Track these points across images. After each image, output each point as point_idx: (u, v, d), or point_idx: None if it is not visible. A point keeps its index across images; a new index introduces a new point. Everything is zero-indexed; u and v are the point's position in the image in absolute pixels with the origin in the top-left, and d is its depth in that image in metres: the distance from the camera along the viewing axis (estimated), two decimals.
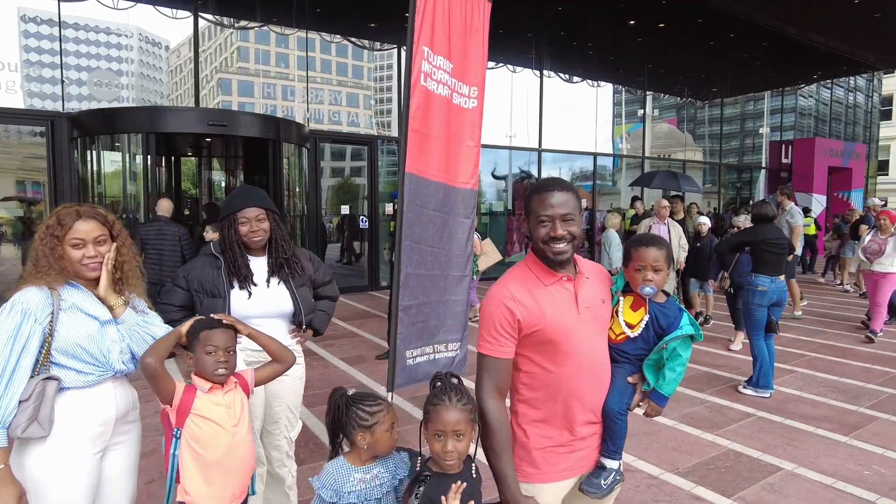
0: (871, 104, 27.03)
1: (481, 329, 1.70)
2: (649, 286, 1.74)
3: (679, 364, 1.73)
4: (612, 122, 19.38)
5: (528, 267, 1.75)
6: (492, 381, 1.67)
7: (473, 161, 3.39)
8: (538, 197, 1.67)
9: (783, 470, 3.49)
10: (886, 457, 3.71)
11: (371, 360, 5.80)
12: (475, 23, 3.45)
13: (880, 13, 14.03)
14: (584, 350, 1.68)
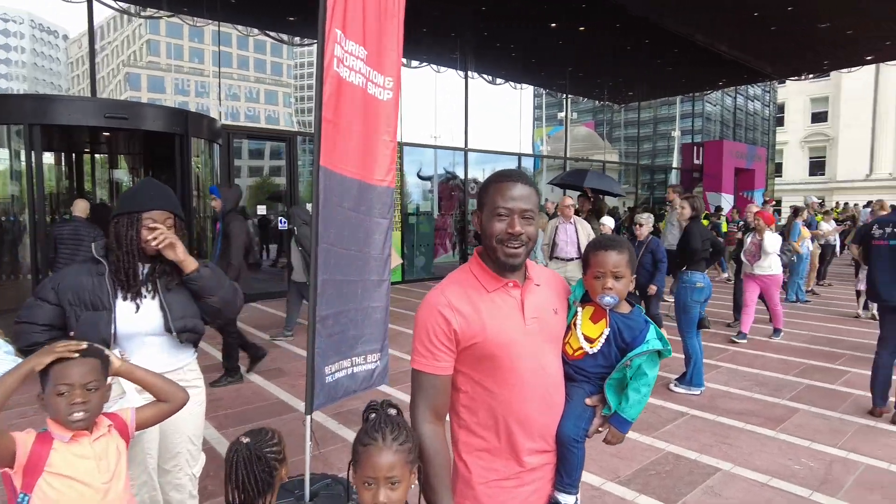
0: (769, 112, 29.14)
1: (415, 341, 1.46)
2: (609, 295, 1.53)
3: (644, 384, 1.51)
4: (533, 123, 19.69)
5: (470, 270, 1.52)
6: (427, 401, 1.43)
7: (390, 157, 3.12)
8: (497, 186, 1.44)
9: (721, 471, 3.45)
10: (813, 449, 3.77)
11: (292, 374, 5.38)
12: (391, 7, 3.18)
13: (775, 27, 14.97)
14: (530, 367, 1.46)
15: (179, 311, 2.08)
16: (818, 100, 37.55)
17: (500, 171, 1.48)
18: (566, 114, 19.63)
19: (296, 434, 3.90)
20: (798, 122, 38.51)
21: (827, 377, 5.28)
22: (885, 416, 4.29)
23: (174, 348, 2.11)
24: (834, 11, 13.65)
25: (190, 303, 2.12)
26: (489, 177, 1.50)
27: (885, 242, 4.24)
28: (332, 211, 2.94)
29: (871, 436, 4.01)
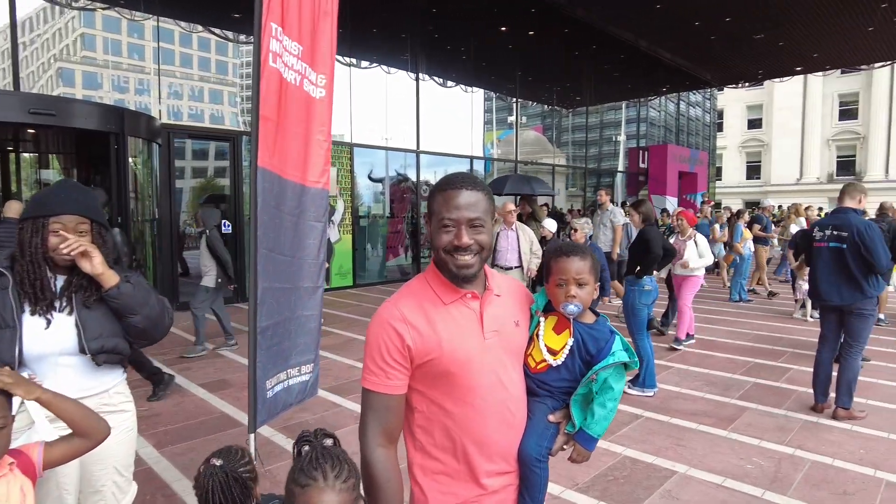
0: (710, 118, 30.32)
1: (365, 358, 1.34)
2: (573, 303, 1.44)
3: (610, 398, 1.42)
4: (483, 127, 19.79)
5: (426, 280, 1.42)
6: (379, 423, 1.32)
7: (324, 157, 3.00)
8: (442, 196, 1.34)
9: (677, 473, 3.46)
10: (763, 448, 3.84)
11: (236, 385, 5.12)
12: (324, 5, 3.07)
13: (715, 36, 15.54)
14: (490, 384, 1.36)
15: (96, 330, 1.84)
16: (753, 107, 39.39)
17: (446, 177, 1.38)
18: (516, 118, 19.80)
19: None
20: (735, 128, 40.28)
21: (772, 375, 5.44)
22: (825, 412, 4.44)
23: (94, 370, 1.88)
24: (768, 24, 14.27)
25: (110, 321, 1.88)
26: (435, 184, 1.40)
27: (824, 244, 4.38)
28: (271, 215, 2.79)
29: (815, 431, 4.13)
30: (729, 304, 9.51)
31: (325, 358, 5.94)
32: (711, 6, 13.13)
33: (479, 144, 18.37)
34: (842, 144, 36.49)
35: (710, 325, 7.68)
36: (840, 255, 4.26)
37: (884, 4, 13.17)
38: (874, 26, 14.71)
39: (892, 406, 4.63)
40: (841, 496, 3.22)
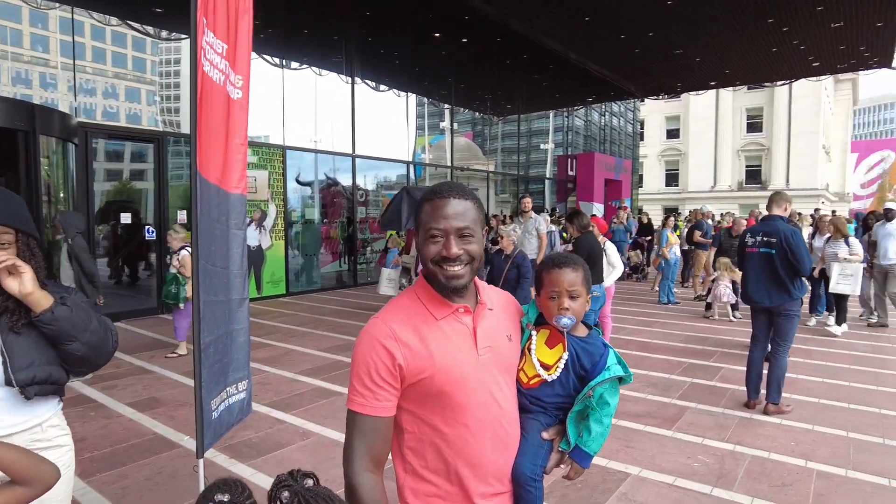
0: (633, 128, 31.74)
1: (352, 378, 1.25)
2: (566, 316, 1.40)
3: (606, 414, 1.39)
4: (416, 132, 19.77)
5: (416, 295, 1.35)
6: (366, 447, 1.24)
7: (242, 162, 2.87)
8: (429, 206, 1.30)
9: (631, 475, 3.52)
10: (706, 445, 3.99)
11: (169, 403, 4.78)
12: (242, 3, 2.93)
13: (639, 50, 16.28)
14: (484, 402, 1.30)
15: (24, 359, 1.59)
16: (672, 118, 41.73)
17: (433, 187, 1.34)
18: (450, 124, 19.90)
19: (180, 475, 3.43)
20: (655, 138, 42.52)
21: (706, 374, 5.69)
22: (757, 408, 4.68)
23: (23, 404, 1.64)
24: (686, 40, 15.12)
25: (42, 348, 1.64)
26: (422, 195, 1.35)
27: (756, 249, 4.64)
28: (208, 225, 2.62)
29: (750, 427, 4.34)
30: (658, 306, 9.92)
31: (265, 372, 5.66)
32: (636, 21, 13.75)
33: (412, 149, 18.32)
34: (749, 155, 39.33)
35: (644, 328, 7.97)
36: (770, 259, 4.51)
37: (785, 28, 14.26)
38: (777, 48, 15.91)
39: (812, 399, 4.95)
40: (780, 488, 3.38)
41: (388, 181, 15.59)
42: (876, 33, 14.81)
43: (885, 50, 16.29)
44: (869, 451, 3.92)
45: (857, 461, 3.75)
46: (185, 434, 4.05)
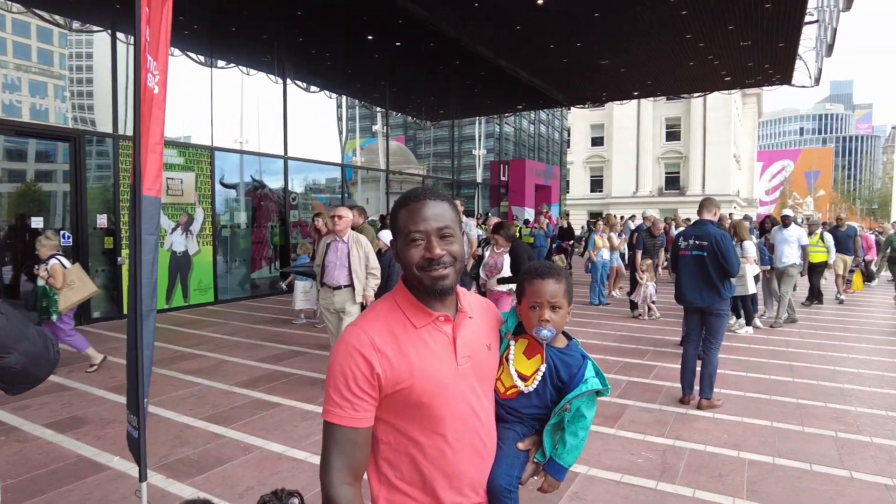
0: (561, 136, 32.74)
1: (329, 389, 1.20)
2: (546, 328, 1.38)
3: (582, 427, 1.38)
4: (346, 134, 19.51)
5: (396, 303, 1.30)
6: (344, 459, 1.19)
7: (158, 163, 2.74)
8: (406, 210, 1.27)
9: (580, 475, 3.58)
10: (648, 441, 4.13)
11: (94, 422, 4.42)
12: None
13: (567, 59, 16.83)
14: (462, 413, 1.28)
15: None
16: (596, 126, 43.42)
17: (407, 192, 1.31)
18: (384, 128, 19.77)
19: (112, 500, 3.17)
20: (581, 145, 44.10)
21: (642, 372, 5.91)
22: (692, 403, 4.90)
23: None
24: (611, 51, 15.77)
25: None
26: (396, 202, 1.32)
27: (688, 252, 4.87)
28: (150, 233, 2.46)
29: (686, 422, 4.54)
30: (590, 307, 10.24)
31: (198, 384, 5.36)
32: (565, 31, 14.20)
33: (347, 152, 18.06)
34: (669, 162, 41.57)
35: (580, 329, 8.20)
36: (701, 262, 4.75)
37: (701, 44, 15.17)
38: (694, 62, 16.91)
39: (739, 393, 5.25)
40: (717, 479, 3.55)
41: (319, 184, 15.27)
42: (778, 53, 16.05)
43: (786, 68, 17.68)
44: (791, 438, 4.19)
45: (782, 449, 4.00)
46: (115, 454, 3.76)
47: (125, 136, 9.22)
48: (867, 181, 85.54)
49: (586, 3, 12.22)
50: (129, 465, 3.62)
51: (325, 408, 1.21)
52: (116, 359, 6.29)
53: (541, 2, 12.15)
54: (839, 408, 4.87)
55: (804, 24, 14.31)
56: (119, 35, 9.64)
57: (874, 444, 4.11)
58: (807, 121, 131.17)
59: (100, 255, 8.90)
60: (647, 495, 3.33)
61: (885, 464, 3.77)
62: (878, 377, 5.81)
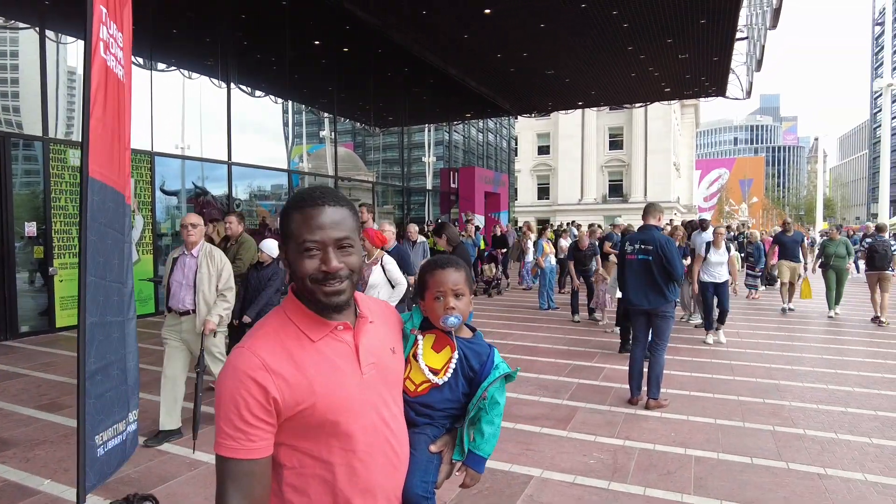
0: (509, 144, 33.22)
1: (219, 420, 1.08)
2: (453, 315, 1.38)
3: (497, 414, 1.37)
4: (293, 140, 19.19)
5: (287, 316, 1.19)
6: (242, 495, 1.07)
7: (127, 160, 2.65)
8: (300, 215, 1.14)
9: (534, 478, 3.61)
10: (599, 442, 4.20)
11: (22, 444, 4.13)
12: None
13: (514, 68, 17.14)
14: (372, 424, 1.20)
15: None
16: (542, 135, 44.32)
17: (302, 191, 1.18)
18: (332, 133, 19.54)
19: None
20: (528, 154, 44.90)
21: (590, 375, 6.03)
22: (640, 404, 5.03)
23: None
24: (556, 61, 16.16)
25: None
26: (289, 201, 1.19)
27: (634, 256, 5.01)
28: (101, 234, 2.33)
29: (635, 422, 4.65)
30: (540, 312, 10.40)
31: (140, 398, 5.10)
32: (511, 41, 14.46)
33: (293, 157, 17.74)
34: (612, 170, 42.86)
35: (530, 332, 8.30)
36: (647, 265, 4.89)
37: (642, 56, 15.75)
38: (635, 73, 17.52)
39: (684, 392, 5.42)
40: (666, 476, 3.65)
41: (264, 191, 14.94)
42: (713, 66, 16.85)
43: (721, 81, 18.57)
44: (733, 434, 4.36)
45: (725, 444, 4.15)
46: (46, 478, 3.52)
47: (55, 139, 8.76)
48: (794, 189, 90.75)
49: (532, 14, 12.49)
50: (62, 489, 3.40)
51: (216, 440, 1.09)
52: (49, 375, 5.92)
53: (488, 11, 12.33)
54: (776, 403, 5.10)
55: (736, 40, 15.08)
56: (48, 33, 9.15)
57: (807, 436, 4.33)
58: (740, 131, 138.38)
59: (28, 266, 8.39)
60: (600, 495, 3.38)
61: (817, 454, 3.98)
62: (809, 372, 6.13)
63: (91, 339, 2.24)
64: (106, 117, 2.34)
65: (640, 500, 3.32)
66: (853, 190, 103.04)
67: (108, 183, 2.39)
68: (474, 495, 3.37)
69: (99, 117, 2.25)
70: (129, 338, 2.68)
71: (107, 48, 2.30)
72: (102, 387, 2.32)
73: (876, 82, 74.04)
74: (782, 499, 3.33)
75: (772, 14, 13.25)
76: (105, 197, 2.36)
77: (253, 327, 1.19)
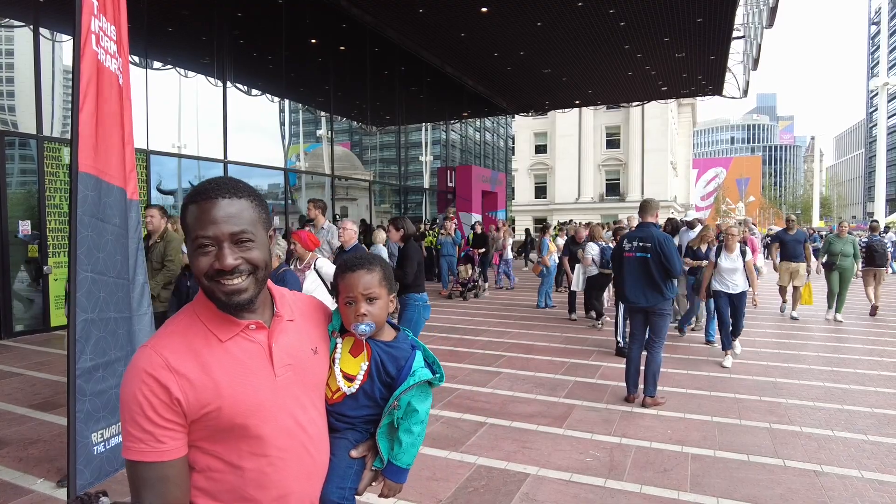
0: (506, 143, 33.24)
1: (125, 422, 1.04)
2: (364, 322, 1.29)
3: (416, 422, 1.30)
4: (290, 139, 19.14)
5: (195, 315, 1.15)
6: (158, 500, 1.03)
7: (130, 155, 2.62)
8: (196, 209, 1.09)
9: (530, 476, 3.59)
10: (595, 440, 4.19)
11: (18, 443, 4.10)
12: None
13: (511, 67, 17.14)
14: (286, 429, 1.15)
15: None
16: (540, 134, 44.30)
17: (198, 185, 1.12)
18: (329, 133, 19.51)
19: None
20: (525, 153, 44.90)
21: (587, 373, 6.02)
22: (636, 401, 5.02)
23: None
24: (554, 60, 16.17)
25: None
26: (186, 195, 1.13)
27: (632, 254, 4.99)
28: (97, 229, 2.30)
29: (632, 420, 4.64)
30: (537, 310, 10.39)
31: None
32: (508, 40, 14.46)
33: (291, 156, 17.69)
34: (609, 169, 42.89)
35: (527, 331, 8.28)
36: (645, 263, 4.88)
37: (639, 55, 15.76)
38: (632, 72, 17.53)
39: (681, 390, 5.41)
40: (663, 474, 3.64)
41: (261, 190, 14.91)
42: (710, 65, 16.87)
43: (717, 79, 18.60)
44: (730, 432, 4.35)
45: (721, 442, 4.15)
46: (39, 476, 3.49)
47: (50, 137, 8.72)
48: (791, 188, 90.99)
49: (529, 13, 12.48)
50: (50, 485, 3.38)
51: (124, 444, 1.04)
52: (43, 374, 5.89)
53: (485, 10, 12.32)
54: (772, 400, 5.10)
55: (732, 38, 15.10)
56: (42, 30, 9.11)
57: (804, 433, 4.32)
58: (737, 130, 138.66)
59: (20, 264, 8.34)
60: (597, 493, 3.37)
61: (814, 451, 3.97)
62: (805, 370, 6.13)
63: (86, 336, 2.22)
64: (101, 111, 2.32)
65: (637, 498, 3.31)
66: (849, 189, 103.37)
67: (104, 178, 2.37)
68: (469, 493, 3.35)
69: (91, 111, 2.23)
70: (139, 334, 2.66)
71: (98, 41, 2.28)
72: (104, 383, 2.29)
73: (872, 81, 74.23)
74: (779, 496, 3.33)
75: (768, 13, 13.27)
76: (101, 192, 2.34)
77: (161, 326, 1.15)
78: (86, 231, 2.17)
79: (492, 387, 5.49)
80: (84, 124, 2.15)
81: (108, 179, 2.38)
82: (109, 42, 2.40)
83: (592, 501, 3.28)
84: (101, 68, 2.35)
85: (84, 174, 2.14)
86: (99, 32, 2.29)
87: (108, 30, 2.41)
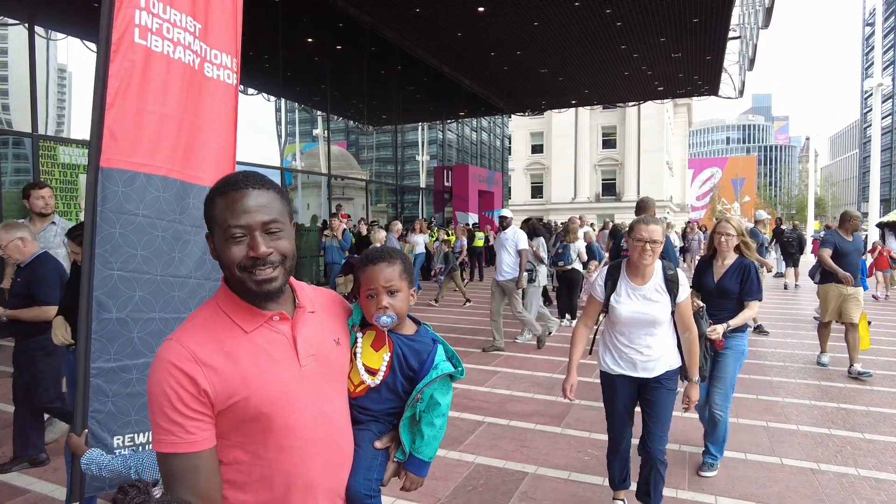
0: (503, 143, 33.27)
1: (153, 415, 1.05)
2: (386, 314, 1.30)
3: (439, 415, 1.31)
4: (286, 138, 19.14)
5: (218, 307, 1.15)
6: (191, 492, 1.04)
7: (225, 150, 2.58)
8: (224, 200, 1.10)
9: (529, 474, 3.60)
10: (594, 439, 4.20)
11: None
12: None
13: (508, 67, 17.14)
14: (311, 419, 1.16)
15: None
16: (536, 134, 44.38)
17: (225, 177, 1.14)
18: (325, 132, 19.49)
19: None
20: (521, 152, 44.97)
21: (585, 372, 6.00)
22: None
23: None
24: (550, 60, 16.18)
25: None
26: (212, 189, 1.14)
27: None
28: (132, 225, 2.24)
29: None
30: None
31: None
32: (505, 39, 14.46)
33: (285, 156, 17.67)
34: (605, 169, 42.99)
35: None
36: None
37: (635, 55, 15.78)
38: (629, 72, 17.56)
39: (679, 389, 5.41)
40: None
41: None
42: (706, 65, 16.91)
43: (713, 80, 18.65)
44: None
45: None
46: (36, 477, 3.48)
47: (45, 136, 8.68)
48: (786, 188, 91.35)
49: (525, 13, 12.49)
50: (51, 487, 3.36)
51: (154, 437, 1.05)
52: None
53: (481, 9, 12.32)
54: (769, 399, 5.11)
55: (728, 39, 15.14)
56: (38, 30, 9.06)
57: (800, 431, 4.34)
58: (732, 131, 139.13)
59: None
60: (595, 492, 3.38)
61: (811, 449, 3.99)
62: (802, 369, 6.15)
63: (110, 336, 2.16)
64: (166, 106, 2.26)
65: (635, 497, 3.31)
66: (844, 189, 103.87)
67: (159, 172, 2.28)
68: (468, 492, 3.35)
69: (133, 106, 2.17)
70: None
71: (148, 33, 2.21)
72: (141, 386, 2.24)
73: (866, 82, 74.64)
74: (776, 494, 3.34)
75: (764, 13, 13.32)
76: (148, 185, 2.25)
77: (185, 319, 1.15)
78: (111, 228, 2.12)
79: (490, 386, 5.49)
80: (117, 119, 2.10)
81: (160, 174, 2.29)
82: (183, 33, 2.34)
83: (591, 500, 3.29)
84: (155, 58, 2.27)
85: (109, 170, 2.09)
86: (155, 24, 2.22)
87: (183, 21, 2.34)
